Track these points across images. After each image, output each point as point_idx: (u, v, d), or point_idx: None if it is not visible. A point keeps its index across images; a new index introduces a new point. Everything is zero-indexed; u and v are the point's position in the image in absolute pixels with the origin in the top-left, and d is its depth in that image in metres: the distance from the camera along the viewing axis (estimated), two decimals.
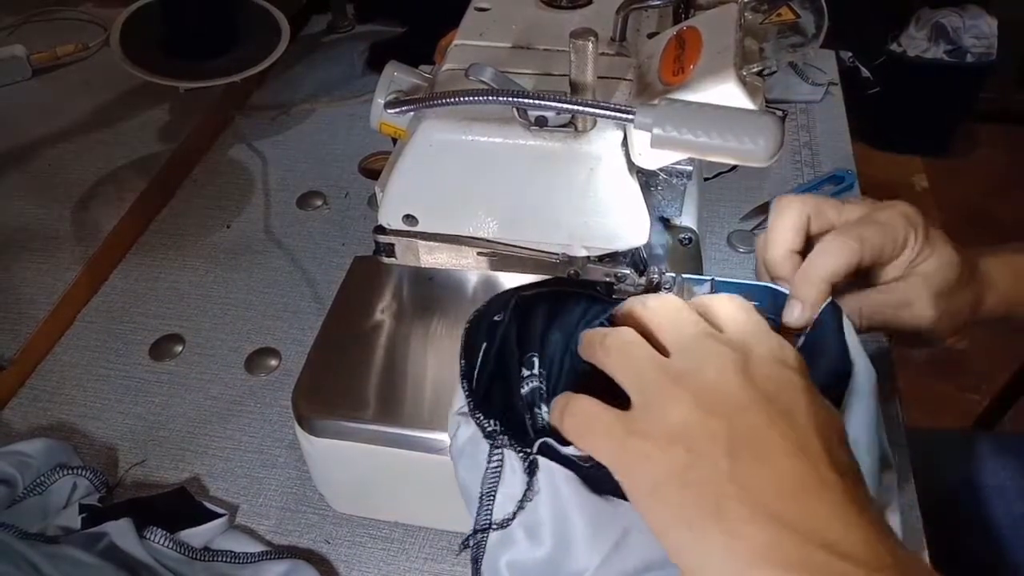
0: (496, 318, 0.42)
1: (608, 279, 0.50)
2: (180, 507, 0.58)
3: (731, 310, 0.39)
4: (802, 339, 0.43)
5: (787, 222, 0.46)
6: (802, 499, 0.32)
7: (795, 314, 0.43)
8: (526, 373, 0.41)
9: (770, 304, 0.44)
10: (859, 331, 0.44)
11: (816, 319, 0.42)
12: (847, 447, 0.35)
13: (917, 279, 0.47)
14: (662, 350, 0.37)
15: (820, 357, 0.40)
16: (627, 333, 0.38)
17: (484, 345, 0.41)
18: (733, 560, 0.31)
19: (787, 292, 0.46)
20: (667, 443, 0.34)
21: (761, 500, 0.32)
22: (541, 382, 0.41)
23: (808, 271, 0.44)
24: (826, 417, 0.35)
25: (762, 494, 0.32)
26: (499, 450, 0.38)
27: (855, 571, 0.30)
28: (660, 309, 0.39)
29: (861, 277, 0.47)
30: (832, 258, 0.43)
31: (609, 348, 0.38)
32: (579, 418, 0.37)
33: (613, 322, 0.41)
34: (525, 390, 0.41)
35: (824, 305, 0.42)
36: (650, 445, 0.34)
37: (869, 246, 0.44)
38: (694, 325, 0.37)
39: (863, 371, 0.39)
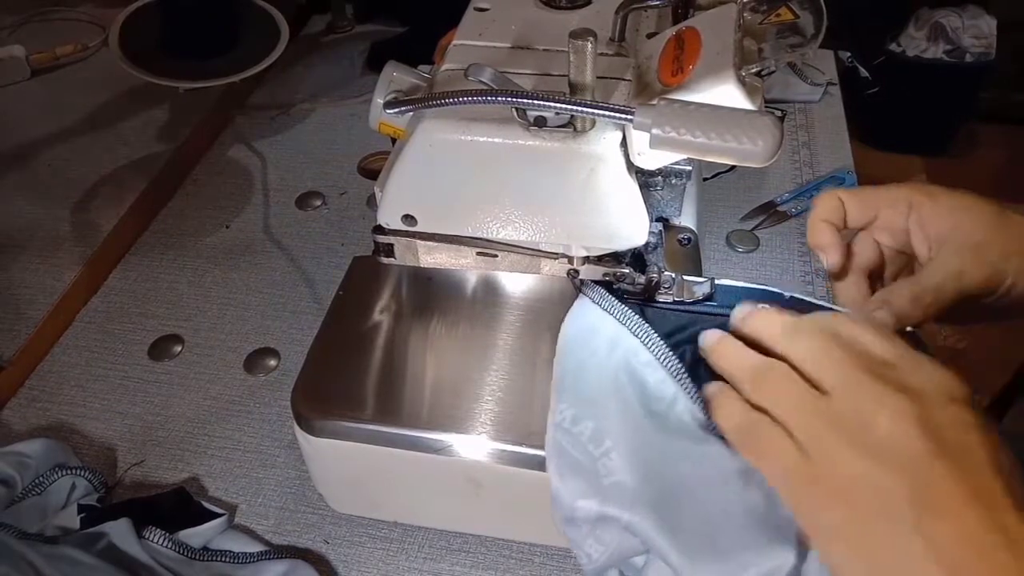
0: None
1: (607, 279, 0.50)
2: (179, 507, 0.58)
3: (871, 338, 0.37)
4: None
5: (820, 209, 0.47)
6: (987, 553, 0.32)
7: (824, 262, 0.45)
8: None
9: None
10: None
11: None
12: (1021, 480, 0.34)
13: (947, 246, 0.45)
14: (814, 384, 0.36)
15: None
16: (777, 372, 0.37)
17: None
18: None
19: (787, 296, 0.46)
20: (844, 496, 0.34)
21: (946, 555, 0.32)
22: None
23: (809, 220, 0.46)
24: (1001, 453, 0.34)
25: (946, 549, 0.32)
26: None
27: None
28: (804, 341, 0.38)
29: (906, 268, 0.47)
30: (819, 204, 0.46)
31: (761, 390, 0.38)
32: (762, 444, 0.37)
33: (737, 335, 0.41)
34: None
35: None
36: (826, 495, 0.34)
37: (855, 197, 0.46)
38: (843, 360, 0.36)
39: None
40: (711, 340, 0.41)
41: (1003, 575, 0.31)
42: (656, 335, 0.44)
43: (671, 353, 0.43)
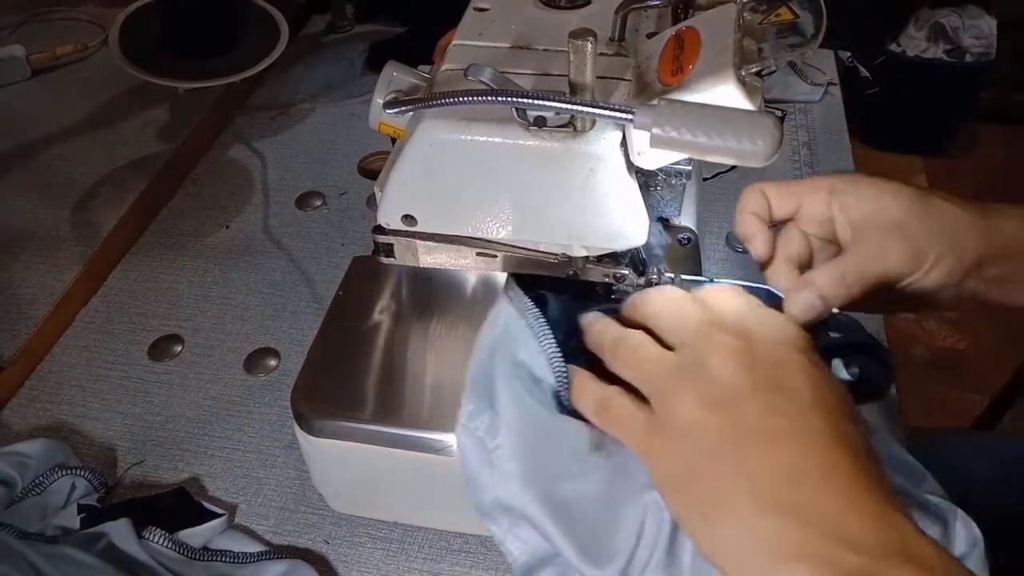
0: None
1: (607, 279, 0.50)
2: (179, 507, 0.58)
3: (725, 297, 0.40)
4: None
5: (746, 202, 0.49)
6: (807, 487, 0.32)
7: (751, 252, 0.47)
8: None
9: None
10: (857, 306, 0.44)
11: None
12: (857, 422, 0.35)
13: (869, 229, 0.46)
14: (667, 345, 0.38)
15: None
16: (634, 338, 0.39)
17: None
18: (744, 551, 0.32)
19: (782, 294, 0.46)
20: (679, 440, 0.35)
21: (767, 491, 0.32)
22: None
23: (737, 214, 0.48)
24: (831, 394, 0.35)
25: (767, 485, 0.33)
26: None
27: (858, 558, 0.30)
28: (660, 302, 0.40)
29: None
30: (744, 198, 0.48)
31: (619, 355, 0.39)
32: (612, 413, 0.39)
33: (620, 318, 0.42)
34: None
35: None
36: (665, 442, 0.36)
37: (777, 189, 0.47)
38: (694, 316, 0.38)
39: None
40: (586, 320, 0.43)
41: (822, 505, 0.32)
42: (549, 331, 0.44)
43: (558, 351, 0.43)
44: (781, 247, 0.47)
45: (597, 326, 0.42)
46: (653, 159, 0.44)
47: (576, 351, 0.43)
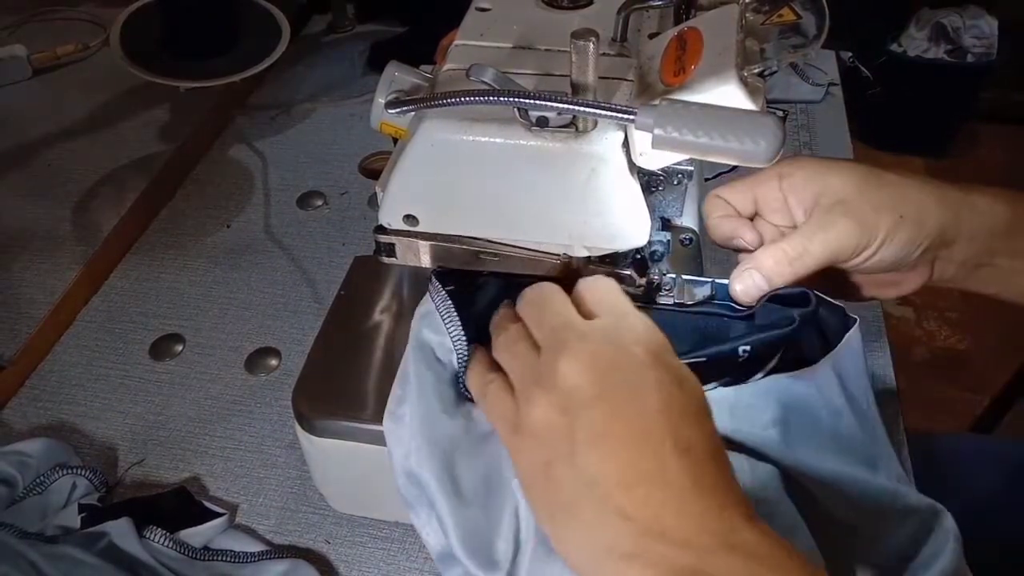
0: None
1: None
2: (180, 507, 0.58)
3: (599, 294, 0.40)
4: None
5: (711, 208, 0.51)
6: (640, 489, 0.33)
7: (744, 244, 0.48)
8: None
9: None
10: (822, 287, 0.45)
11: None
12: (703, 424, 0.36)
13: (816, 208, 0.46)
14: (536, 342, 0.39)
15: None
16: (512, 331, 0.40)
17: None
18: (584, 549, 0.34)
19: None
20: (533, 440, 0.36)
21: (606, 494, 0.34)
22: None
23: (707, 226, 0.50)
24: (678, 398, 0.35)
25: (607, 488, 0.34)
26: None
27: (684, 554, 0.32)
28: (530, 303, 0.41)
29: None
30: (707, 208, 0.50)
31: (498, 345, 0.41)
32: (488, 401, 0.40)
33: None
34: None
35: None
36: (523, 440, 0.37)
37: (731, 188, 0.50)
38: (556, 317, 0.39)
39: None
40: (501, 306, 0.44)
41: (653, 507, 0.33)
42: (456, 314, 0.45)
43: (463, 335, 0.44)
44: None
45: (496, 317, 0.43)
46: (655, 159, 0.44)
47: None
